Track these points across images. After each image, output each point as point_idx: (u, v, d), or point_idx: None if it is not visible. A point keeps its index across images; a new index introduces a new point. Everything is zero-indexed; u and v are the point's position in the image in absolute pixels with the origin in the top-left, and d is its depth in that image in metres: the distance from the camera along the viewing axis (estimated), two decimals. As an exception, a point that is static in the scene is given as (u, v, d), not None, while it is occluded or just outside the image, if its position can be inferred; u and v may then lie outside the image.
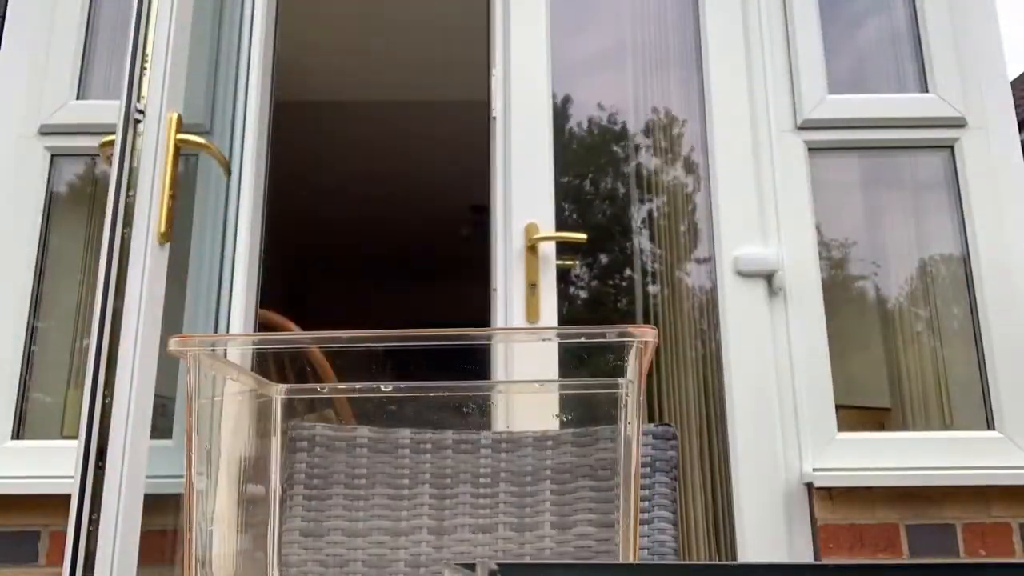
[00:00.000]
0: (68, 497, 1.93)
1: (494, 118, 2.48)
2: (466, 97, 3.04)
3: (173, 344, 0.60)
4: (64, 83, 2.48)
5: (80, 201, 2.58)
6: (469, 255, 2.63)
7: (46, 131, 2.44)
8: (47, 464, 2.15)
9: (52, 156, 2.45)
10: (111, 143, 1.87)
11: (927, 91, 2.52)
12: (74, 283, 2.48)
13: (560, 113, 2.73)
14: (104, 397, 1.68)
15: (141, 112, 1.85)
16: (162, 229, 1.81)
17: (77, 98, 2.49)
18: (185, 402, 0.61)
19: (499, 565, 0.36)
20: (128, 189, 1.80)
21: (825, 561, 2.06)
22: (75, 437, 2.27)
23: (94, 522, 1.65)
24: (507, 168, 2.42)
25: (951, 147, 2.47)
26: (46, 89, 2.47)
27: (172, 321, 2.13)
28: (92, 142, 2.39)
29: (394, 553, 0.84)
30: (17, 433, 2.27)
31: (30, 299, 2.35)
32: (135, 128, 1.84)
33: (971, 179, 2.42)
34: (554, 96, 2.57)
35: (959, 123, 2.46)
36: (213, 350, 0.62)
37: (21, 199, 2.40)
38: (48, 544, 2.10)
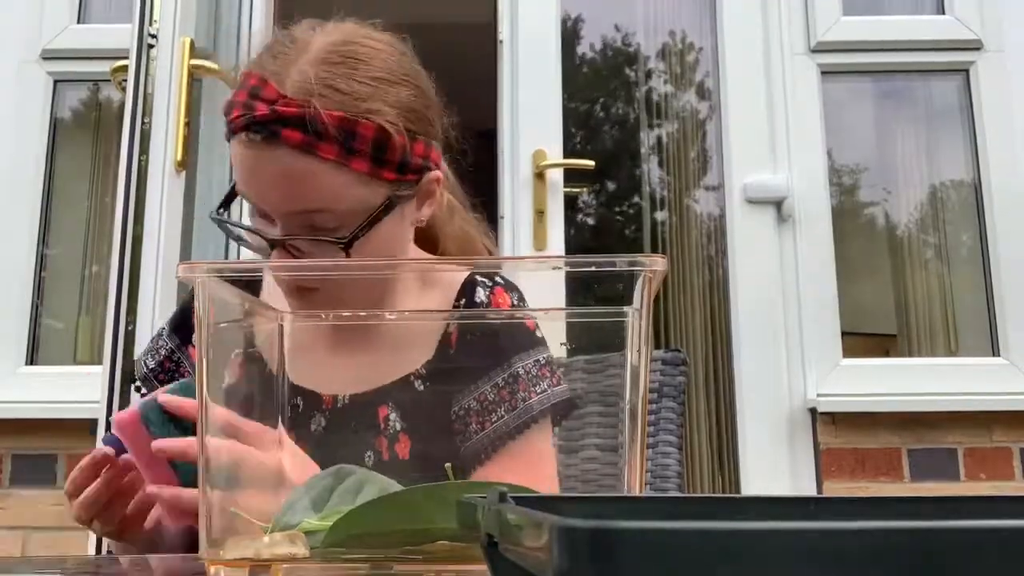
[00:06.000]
0: (83, 421, 1.97)
1: (501, 42, 2.44)
2: (472, 20, 2.98)
3: (181, 271, 0.60)
4: (64, 7, 2.43)
5: (84, 127, 2.56)
6: (475, 182, 2.61)
7: (48, 56, 2.41)
8: (62, 389, 2.17)
9: (55, 82, 2.43)
10: (123, 69, 1.85)
11: (943, 12, 2.46)
12: (81, 209, 2.47)
13: (569, 37, 2.69)
14: (127, 324, 1.70)
15: (154, 37, 1.82)
16: (179, 157, 1.80)
17: (78, 22, 2.45)
18: (196, 328, 0.62)
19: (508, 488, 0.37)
20: (144, 116, 1.79)
21: (827, 495, 2.09)
22: (88, 363, 2.30)
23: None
24: (514, 93, 2.39)
25: (966, 71, 2.42)
26: (46, 13, 2.43)
27: (182, 248, 2.14)
28: (94, 67, 2.36)
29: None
30: (31, 359, 2.29)
31: (38, 226, 2.35)
32: (148, 53, 1.82)
33: (985, 103, 2.38)
34: (563, 19, 2.52)
35: (975, 46, 2.41)
36: (221, 276, 0.63)
37: (25, 125, 2.38)
38: (65, 467, 2.14)
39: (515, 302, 0.98)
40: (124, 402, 1.69)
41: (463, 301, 0.99)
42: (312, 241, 0.88)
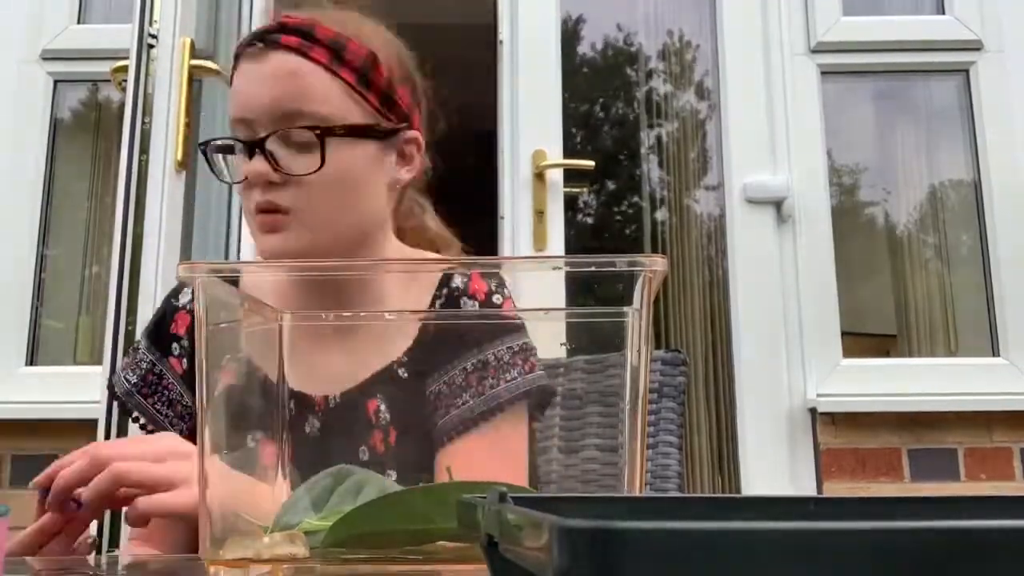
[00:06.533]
0: (83, 421, 1.96)
1: (501, 42, 2.44)
2: (472, 20, 2.98)
3: (181, 270, 0.60)
4: (64, 7, 2.43)
5: (84, 127, 2.56)
6: (475, 183, 2.61)
7: (48, 56, 2.41)
8: (61, 389, 2.18)
9: (55, 82, 2.43)
10: (123, 69, 1.85)
11: (943, 12, 2.46)
12: (82, 209, 2.47)
13: (569, 37, 2.69)
14: (127, 324, 1.70)
15: (154, 37, 1.82)
16: (179, 157, 1.80)
17: (78, 22, 2.45)
18: (196, 329, 0.62)
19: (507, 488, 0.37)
20: (144, 116, 1.79)
21: (826, 495, 2.09)
22: (88, 363, 2.30)
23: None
24: (514, 94, 2.39)
25: (966, 71, 2.42)
26: (46, 13, 2.43)
27: (182, 249, 2.13)
28: (95, 67, 2.36)
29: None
30: (31, 359, 2.29)
31: (38, 226, 2.35)
32: (148, 53, 1.82)
33: (985, 103, 2.38)
34: (564, 19, 2.52)
35: (975, 46, 2.41)
36: (221, 276, 0.63)
37: (25, 126, 2.38)
38: (65, 467, 2.14)
39: (493, 287, 0.99)
40: (123, 403, 1.69)
41: (443, 290, 0.99)
42: (291, 148, 0.92)
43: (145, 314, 1.72)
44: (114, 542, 1.60)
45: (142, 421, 1.03)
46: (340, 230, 0.95)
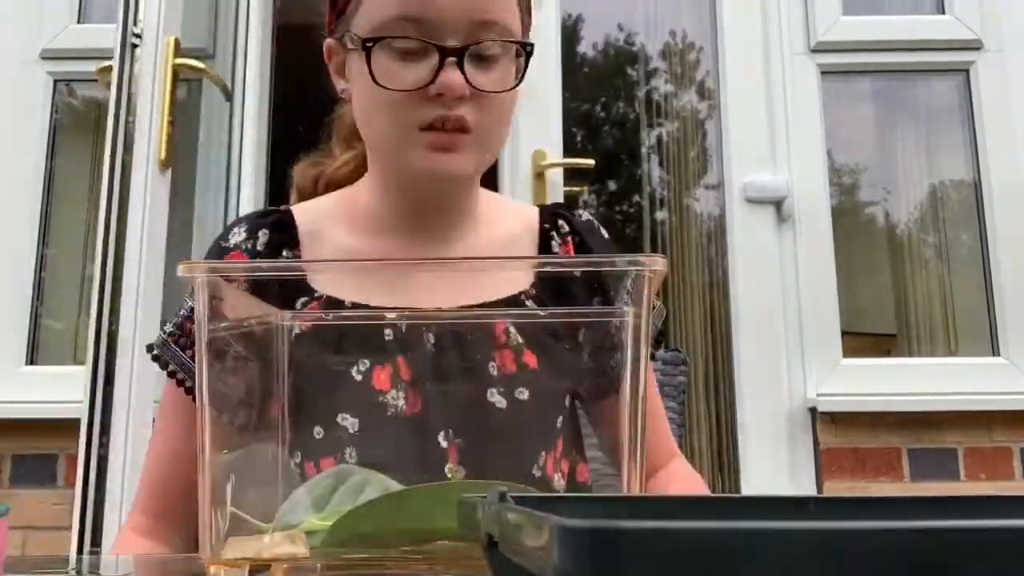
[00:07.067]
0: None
1: (501, 41, 2.43)
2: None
3: (181, 269, 0.60)
4: (64, 7, 2.43)
5: (84, 127, 2.56)
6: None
7: (48, 56, 2.40)
8: (61, 389, 2.17)
9: (55, 81, 2.43)
10: (109, 68, 1.85)
11: (943, 12, 2.46)
12: (81, 210, 2.47)
13: (569, 36, 2.69)
14: (110, 323, 1.70)
15: (138, 36, 1.82)
16: (162, 155, 1.80)
17: (78, 22, 2.45)
18: (196, 329, 0.62)
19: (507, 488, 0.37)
20: (127, 115, 1.79)
21: (826, 495, 2.09)
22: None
23: (104, 445, 1.68)
24: (514, 93, 2.38)
25: (967, 71, 2.42)
26: (46, 13, 2.42)
27: (182, 249, 2.13)
28: (94, 67, 2.36)
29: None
30: (31, 359, 2.29)
31: (39, 226, 2.35)
32: (132, 52, 1.81)
33: (985, 103, 2.38)
34: (563, 18, 2.52)
35: (975, 45, 2.41)
36: (220, 276, 0.63)
37: (25, 125, 2.38)
38: (65, 467, 2.14)
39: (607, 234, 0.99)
40: (107, 403, 1.69)
41: (560, 222, 0.98)
42: (476, 60, 0.84)
43: (128, 313, 1.71)
44: (96, 541, 1.60)
45: (178, 375, 0.92)
46: (492, 158, 0.91)
